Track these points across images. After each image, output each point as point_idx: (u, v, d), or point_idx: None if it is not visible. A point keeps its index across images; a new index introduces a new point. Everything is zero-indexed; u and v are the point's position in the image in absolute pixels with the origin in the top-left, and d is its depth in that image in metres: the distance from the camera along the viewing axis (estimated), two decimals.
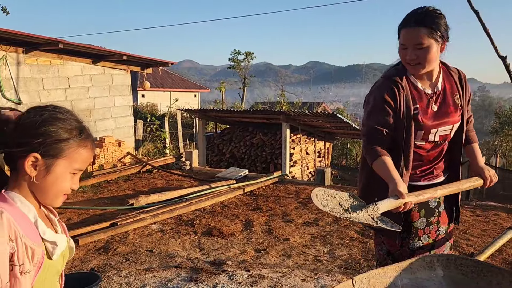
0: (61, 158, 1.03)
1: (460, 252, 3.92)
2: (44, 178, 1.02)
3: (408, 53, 1.82)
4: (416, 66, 1.83)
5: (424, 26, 1.77)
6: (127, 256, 3.75)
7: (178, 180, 7.27)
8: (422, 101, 1.89)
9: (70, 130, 1.05)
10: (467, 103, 2.00)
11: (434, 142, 1.93)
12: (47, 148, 1.01)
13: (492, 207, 5.65)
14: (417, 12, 1.82)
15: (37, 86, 7.09)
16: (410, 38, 1.79)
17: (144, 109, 21.85)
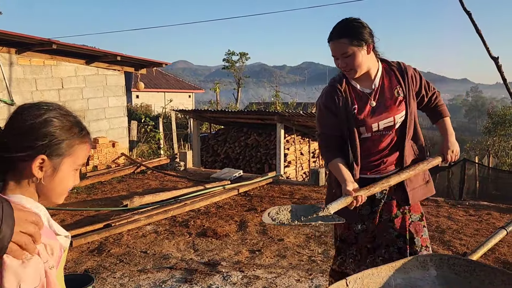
0: (66, 157, 1.04)
1: (453, 251, 3.94)
2: (51, 178, 1.02)
3: (339, 62, 2.04)
4: (350, 72, 2.05)
5: (344, 37, 1.99)
6: (121, 258, 3.73)
7: (172, 181, 7.25)
8: (362, 101, 2.10)
9: (72, 127, 1.05)
10: (415, 90, 2.17)
11: (379, 131, 2.11)
12: (53, 149, 1.00)
13: (485, 207, 5.70)
14: (338, 25, 2.04)
15: (30, 87, 7.04)
16: (336, 49, 2.02)
17: (138, 110, 21.78)
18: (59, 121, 1.02)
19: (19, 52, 6.78)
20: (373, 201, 2.14)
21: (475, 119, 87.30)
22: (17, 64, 6.81)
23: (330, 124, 2.12)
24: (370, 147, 2.13)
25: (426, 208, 5.55)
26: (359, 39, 1.99)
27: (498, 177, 11.95)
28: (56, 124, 1.01)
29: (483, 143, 23.31)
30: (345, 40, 1.98)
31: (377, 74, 2.12)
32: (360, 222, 2.17)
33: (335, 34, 2.02)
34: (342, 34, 2.00)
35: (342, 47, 2.00)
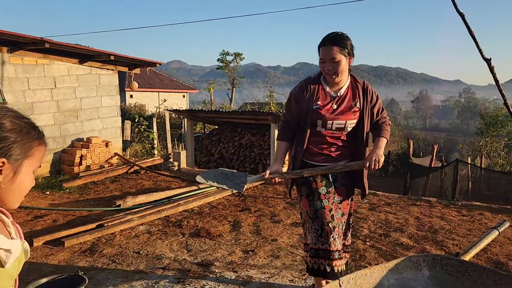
0: (26, 159, 1.04)
1: (446, 251, 3.96)
2: (11, 181, 1.02)
3: (326, 65, 2.45)
4: (332, 75, 2.48)
5: (336, 46, 2.41)
6: (113, 258, 3.71)
7: (166, 181, 7.22)
8: (326, 100, 2.56)
9: (30, 130, 1.05)
10: (370, 107, 2.63)
11: (331, 130, 2.58)
12: (13, 151, 1.01)
13: (477, 207, 5.73)
14: (332, 35, 2.46)
15: (22, 86, 6.98)
16: (327, 54, 2.42)
17: (132, 110, 21.68)
18: (16, 124, 1.02)
19: (11, 51, 6.72)
20: (327, 183, 2.61)
21: (468, 120, 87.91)
22: (9, 63, 6.75)
23: (293, 111, 2.58)
24: (320, 140, 2.59)
25: (419, 208, 5.57)
26: (347, 49, 2.44)
27: (490, 178, 12.05)
28: (15, 128, 1.01)
29: (475, 144, 23.47)
30: (337, 48, 2.41)
31: (345, 85, 2.59)
32: (319, 200, 2.58)
33: (328, 41, 2.43)
34: (335, 42, 2.41)
35: (333, 53, 2.41)
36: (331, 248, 2.49)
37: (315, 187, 2.59)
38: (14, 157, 1.01)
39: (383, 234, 4.43)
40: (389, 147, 28.01)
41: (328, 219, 2.54)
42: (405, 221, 4.94)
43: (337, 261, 2.51)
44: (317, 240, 2.54)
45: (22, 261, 1.09)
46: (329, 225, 2.52)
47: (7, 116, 1.02)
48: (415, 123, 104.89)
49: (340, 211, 2.66)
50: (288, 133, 2.63)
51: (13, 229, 1.10)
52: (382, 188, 11.20)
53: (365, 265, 3.56)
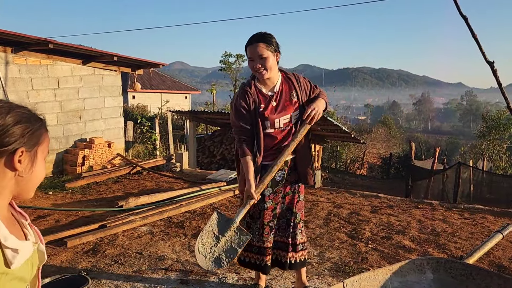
0: (39, 146, 1.07)
1: (448, 254, 3.96)
2: (29, 171, 1.04)
3: (255, 64, 2.55)
4: (263, 72, 2.56)
5: (262, 42, 2.52)
6: (116, 259, 3.72)
7: (168, 182, 7.23)
8: (266, 101, 2.65)
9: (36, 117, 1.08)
10: (307, 90, 2.74)
11: (280, 128, 2.67)
12: (28, 141, 1.02)
13: (480, 210, 5.73)
14: (257, 34, 2.56)
15: (26, 86, 7.00)
16: (255, 52, 2.52)
17: (134, 111, 21.73)
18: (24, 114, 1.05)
19: (15, 51, 6.74)
20: (272, 183, 2.70)
21: (470, 123, 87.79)
22: (13, 63, 6.78)
23: (245, 119, 2.63)
24: (272, 141, 2.67)
25: (421, 211, 5.57)
26: (273, 46, 2.56)
27: (492, 181, 12.03)
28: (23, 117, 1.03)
29: (477, 147, 23.43)
30: (263, 45, 2.52)
31: (277, 81, 2.69)
32: (263, 201, 2.70)
33: (254, 40, 2.54)
34: (261, 40, 2.53)
35: (260, 50, 2.51)
36: (265, 245, 2.77)
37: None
38: (29, 146, 1.03)
39: (385, 237, 4.42)
40: (390, 149, 28.00)
41: (269, 219, 2.75)
42: (407, 223, 4.94)
43: (268, 256, 2.80)
44: (259, 238, 2.76)
45: (36, 263, 1.09)
46: (269, 224, 2.75)
47: (13, 108, 1.03)
48: (416, 125, 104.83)
49: (284, 206, 2.82)
50: (249, 143, 2.64)
51: (31, 231, 1.11)
52: (383, 191, 11.19)
53: (367, 268, 3.56)
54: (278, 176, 2.73)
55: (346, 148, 22.47)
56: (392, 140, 32.32)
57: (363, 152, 24.43)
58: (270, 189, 2.72)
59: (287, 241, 2.85)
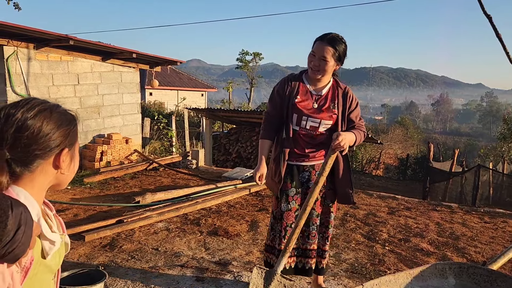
0: (76, 143, 1.14)
1: (468, 259, 3.88)
2: (69, 166, 1.11)
3: (314, 60, 2.48)
4: (316, 72, 2.51)
5: (331, 46, 2.43)
6: (132, 254, 3.75)
7: (184, 178, 7.27)
8: (306, 96, 2.59)
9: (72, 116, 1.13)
10: (348, 113, 2.65)
11: (306, 129, 2.60)
12: (68, 140, 1.08)
13: (501, 214, 5.60)
14: (333, 35, 2.46)
15: (47, 82, 7.12)
16: (321, 50, 2.44)
17: (151, 107, 21.92)
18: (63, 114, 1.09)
19: (37, 48, 6.86)
20: (297, 184, 2.65)
21: (489, 125, 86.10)
22: (35, 59, 6.90)
23: (276, 105, 2.62)
24: (297, 140, 2.61)
25: (439, 213, 5.48)
26: (339, 56, 2.48)
27: None
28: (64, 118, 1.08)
29: (497, 149, 22.95)
30: (331, 49, 2.43)
31: (326, 86, 2.63)
32: (286, 202, 2.65)
33: (327, 39, 2.44)
34: (334, 44, 2.44)
35: (326, 52, 2.43)
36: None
37: (284, 188, 2.66)
38: (70, 145, 1.09)
39: (402, 239, 4.36)
40: (407, 150, 27.64)
41: (292, 220, 2.66)
42: (426, 226, 4.86)
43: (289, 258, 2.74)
44: (280, 241, 2.68)
45: (62, 255, 1.13)
46: (292, 227, 2.63)
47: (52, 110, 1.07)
48: (434, 126, 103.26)
49: (314, 212, 2.69)
50: (273, 130, 2.65)
51: (55, 222, 1.14)
52: (400, 192, 11.05)
53: (384, 270, 3.52)
54: (304, 177, 2.68)
55: (362, 148, 22.26)
56: (409, 141, 31.91)
57: (379, 152, 24.17)
58: (294, 189, 2.66)
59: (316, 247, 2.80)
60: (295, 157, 2.65)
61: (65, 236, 1.14)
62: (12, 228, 0.83)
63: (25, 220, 0.86)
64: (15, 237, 0.83)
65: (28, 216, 0.87)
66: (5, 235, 0.81)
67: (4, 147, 0.97)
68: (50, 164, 1.05)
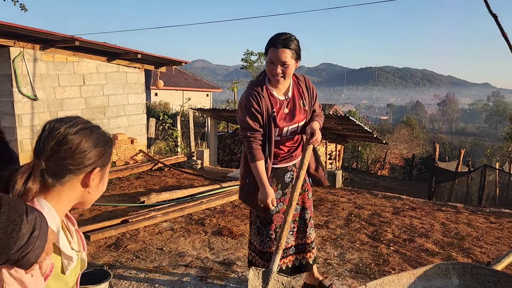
0: (109, 164, 1.16)
1: (473, 259, 3.86)
2: (97, 186, 1.14)
3: (275, 68, 2.38)
4: (280, 79, 2.43)
5: (288, 48, 2.34)
6: (137, 254, 3.77)
7: (189, 178, 7.29)
8: (277, 106, 2.51)
9: (109, 138, 1.17)
10: (314, 100, 2.65)
11: (287, 136, 2.59)
12: (102, 161, 1.12)
13: (507, 214, 5.56)
14: (283, 37, 2.36)
15: (53, 82, 7.17)
16: (278, 57, 2.35)
17: (157, 108, 21.99)
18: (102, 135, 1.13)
19: (43, 49, 6.91)
20: (282, 185, 2.66)
21: (496, 125, 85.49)
22: (41, 60, 6.95)
23: (258, 121, 2.48)
24: (279, 146, 2.59)
25: (444, 214, 5.45)
26: (298, 54, 2.40)
27: None
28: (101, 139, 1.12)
29: (504, 149, 22.80)
30: (288, 51, 2.35)
31: (289, 85, 2.57)
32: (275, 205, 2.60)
33: (280, 44, 2.34)
34: (287, 45, 2.34)
35: (284, 56, 2.34)
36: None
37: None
38: (102, 165, 1.12)
39: (407, 239, 4.35)
40: (413, 150, 27.52)
41: (280, 222, 2.63)
42: (431, 226, 4.84)
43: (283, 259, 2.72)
44: (272, 243, 2.66)
45: (78, 272, 1.15)
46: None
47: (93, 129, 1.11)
48: (440, 126, 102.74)
49: (299, 206, 2.76)
50: (260, 148, 2.50)
51: (75, 238, 1.16)
52: (405, 192, 11.00)
53: (389, 270, 3.51)
54: (288, 178, 2.70)
55: (367, 148, 22.20)
56: (415, 141, 31.76)
57: (385, 152, 24.09)
58: (280, 191, 2.68)
59: (308, 241, 2.83)
60: (279, 159, 2.63)
61: (81, 253, 1.16)
62: (27, 232, 0.84)
63: (39, 225, 0.87)
64: (29, 240, 0.84)
65: (43, 221, 0.89)
66: (19, 239, 0.83)
67: (42, 157, 1.02)
68: (79, 181, 1.08)
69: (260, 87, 2.49)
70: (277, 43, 2.35)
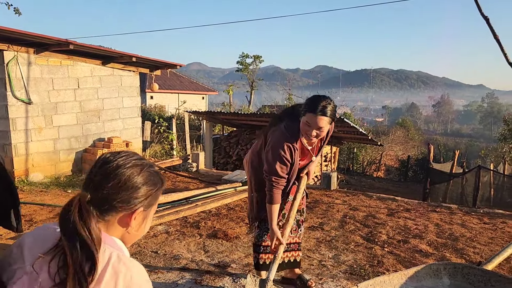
0: (154, 205, 1.11)
1: (466, 260, 3.88)
2: (139, 227, 1.09)
3: (310, 130, 2.52)
4: (313, 140, 2.63)
5: (326, 116, 2.46)
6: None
7: (184, 181, 7.29)
8: (304, 154, 2.77)
9: (159, 179, 1.11)
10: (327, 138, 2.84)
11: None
12: (148, 201, 1.07)
13: (500, 215, 5.60)
14: (323, 104, 2.46)
15: (47, 86, 7.15)
16: (317, 123, 2.47)
17: (152, 111, 21.96)
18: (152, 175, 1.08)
19: (37, 52, 6.90)
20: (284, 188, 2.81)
21: (491, 126, 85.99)
22: (35, 64, 6.93)
23: (285, 170, 2.66)
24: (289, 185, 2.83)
25: (439, 215, 5.48)
26: (333, 118, 2.54)
27: None
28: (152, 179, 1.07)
29: (498, 150, 22.94)
30: (328, 120, 2.48)
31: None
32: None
33: (320, 111, 2.44)
34: (327, 114, 2.46)
35: (323, 123, 2.47)
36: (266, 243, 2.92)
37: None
38: (147, 206, 1.07)
39: (401, 240, 4.37)
40: (408, 151, 27.62)
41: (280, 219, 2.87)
42: (425, 227, 4.87)
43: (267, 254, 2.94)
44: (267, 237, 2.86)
45: None
46: (278, 224, 2.84)
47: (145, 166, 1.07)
48: (435, 128, 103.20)
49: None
50: (280, 194, 2.71)
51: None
52: (401, 194, 11.05)
53: (383, 272, 3.52)
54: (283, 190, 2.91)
55: (363, 150, 22.27)
56: (410, 142, 31.88)
57: (380, 154, 24.16)
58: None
59: (299, 240, 3.05)
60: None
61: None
62: None
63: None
64: None
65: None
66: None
67: (89, 189, 1.00)
68: (119, 219, 1.04)
69: (296, 140, 2.64)
70: (316, 110, 2.45)
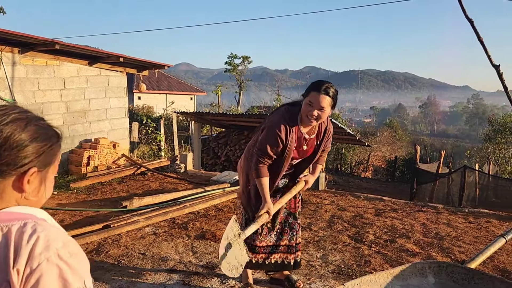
0: (51, 165, 0.96)
1: (452, 258, 3.93)
2: (36, 192, 0.94)
3: (312, 110, 2.57)
4: (313, 121, 2.63)
5: (329, 97, 2.55)
6: (119, 259, 3.73)
7: (172, 182, 7.25)
8: (299, 141, 2.75)
9: (53, 133, 0.97)
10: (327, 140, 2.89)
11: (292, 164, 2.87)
12: (42, 159, 0.92)
13: (485, 214, 5.69)
14: (330, 87, 2.57)
15: (32, 86, 7.06)
16: (320, 102, 2.54)
17: (140, 111, 21.81)
18: (41, 129, 0.93)
19: (22, 52, 6.80)
20: (276, 192, 2.90)
21: (476, 126, 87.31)
22: (20, 64, 6.83)
23: (276, 149, 2.68)
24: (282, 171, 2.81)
25: (425, 214, 5.54)
26: (334, 103, 2.61)
27: (498, 185, 11.92)
28: (39, 134, 0.92)
29: (483, 150, 23.30)
30: (330, 100, 2.56)
31: (316, 127, 2.79)
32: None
33: (324, 91, 2.53)
34: (330, 94, 2.55)
35: (325, 103, 2.54)
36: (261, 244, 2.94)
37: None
38: (42, 166, 0.93)
39: (388, 240, 4.41)
40: (396, 152, 27.90)
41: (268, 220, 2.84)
42: (411, 227, 4.92)
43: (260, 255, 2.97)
44: (257, 237, 2.90)
45: None
46: (267, 225, 2.92)
47: (31, 120, 0.92)
48: (422, 128, 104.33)
49: (286, 211, 3.01)
50: (267, 169, 2.74)
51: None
52: (388, 194, 11.15)
53: (370, 271, 3.55)
54: (281, 183, 2.95)
55: (351, 150, 22.43)
56: (398, 143, 32.21)
57: (368, 154, 24.35)
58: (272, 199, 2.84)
59: (292, 243, 3.05)
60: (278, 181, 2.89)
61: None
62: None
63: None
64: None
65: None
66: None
67: None
68: (10, 185, 0.89)
69: (295, 124, 2.69)
70: (320, 89, 2.54)
